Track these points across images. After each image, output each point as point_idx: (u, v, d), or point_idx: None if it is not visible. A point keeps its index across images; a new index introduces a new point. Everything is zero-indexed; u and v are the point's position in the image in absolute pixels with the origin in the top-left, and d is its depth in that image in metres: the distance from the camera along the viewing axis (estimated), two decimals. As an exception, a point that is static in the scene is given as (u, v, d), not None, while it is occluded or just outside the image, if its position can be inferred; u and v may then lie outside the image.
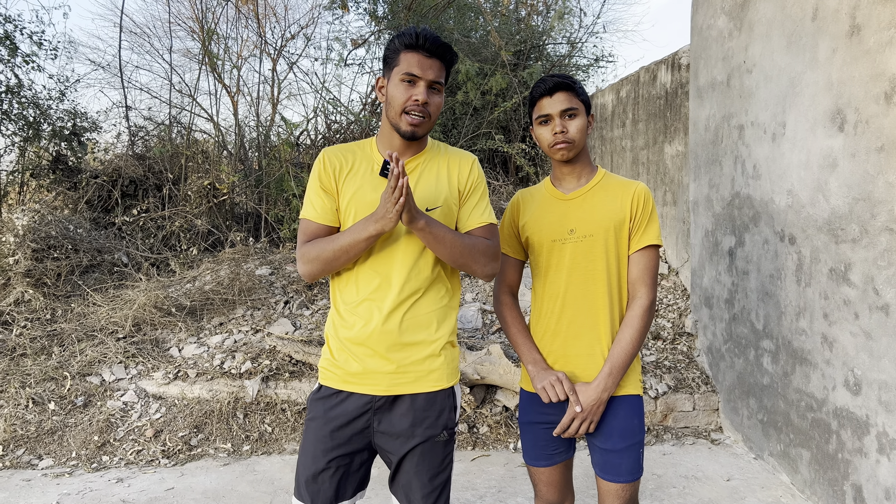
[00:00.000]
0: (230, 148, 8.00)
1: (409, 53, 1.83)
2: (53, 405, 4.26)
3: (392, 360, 1.86)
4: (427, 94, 1.84)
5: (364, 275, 1.88)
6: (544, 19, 10.09)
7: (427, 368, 1.89)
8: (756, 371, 3.83)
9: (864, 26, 2.82)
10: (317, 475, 1.89)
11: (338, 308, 1.94)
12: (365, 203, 1.87)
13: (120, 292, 5.41)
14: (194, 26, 8.65)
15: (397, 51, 1.85)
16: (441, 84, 1.87)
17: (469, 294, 5.52)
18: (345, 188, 1.90)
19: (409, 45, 1.83)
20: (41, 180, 7.28)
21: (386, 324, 1.85)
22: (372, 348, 1.85)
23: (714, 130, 4.26)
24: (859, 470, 2.96)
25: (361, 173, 1.91)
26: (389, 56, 1.89)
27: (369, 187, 1.89)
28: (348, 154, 1.95)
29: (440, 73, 1.86)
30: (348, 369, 1.88)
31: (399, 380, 1.87)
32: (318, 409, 1.92)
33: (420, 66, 1.83)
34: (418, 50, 1.83)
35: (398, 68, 1.84)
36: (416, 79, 1.83)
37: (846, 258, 2.99)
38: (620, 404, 2.03)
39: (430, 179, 1.94)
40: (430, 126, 1.90)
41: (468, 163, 2.00)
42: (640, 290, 2.03)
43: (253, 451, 4.07)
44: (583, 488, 3.51)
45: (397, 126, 1.86)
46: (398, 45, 1.85)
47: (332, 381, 1.91)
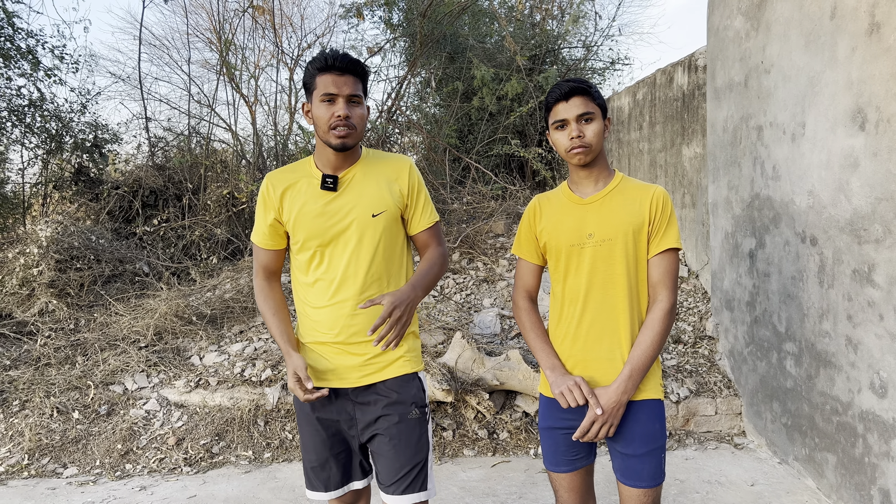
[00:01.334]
0: (248, 157, 8.07)
1: (323, 76, 1.96)
2: (77, 414, 4.31)
3: (359, 353, 2.06)
4: (347, 107, 1.96)
5: (322, 283, 2.06)
6: (559, 23, 10.08)
7: (392, 357, 2.09)
8: (779, 374, 3.78)
9: (883, 24, 2.79)
10: (323, 463, 2.11)
11: (304, 310, 2.12)
12: (309, 214, 2.04)
13: (141, 301, 5.47)
14: (212, 37, 8.76)
15: (313, 75, 1.98)
16: (359, 97, 2.00)
17: (487, 300, 5.51)
18: (290, 205, 2.07)
19: (321, 68, 1.96)
20: (64, 192, 7.40)
21: (351, 324, 2.04)
22: (338, 347, 2.05)
23: (732, 132, 4.22)
24: (887, 474, 2.91)
25: (304, 189, 2.07)
26: (307, 82, 2.01)
27: (311, 201, 2.05)
28: (289, 174, 2.11)
29: (356, 87, 1.98)
30: (318, 367, 2.08)
31: (367, 369, 2.07)
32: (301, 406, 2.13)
33: (335, 84, 1.95)
34: (330, 71, 1.95)
35: (317, 91, 1.97)
36: (334, 96, 1.95)
37: (870, 259, 2.95)
38: (641, 409, 2.02)
39: (372, 186, 2.09)
40: (359, 136, 2.03)
41: (406, 168, 2.15)
42: (660, 293, 2.01)
43: (274, 458, 4.09)
44: (604, 494, 3.49)
45: (328, 142, 1.99)
46: (312, 70, 1.99)
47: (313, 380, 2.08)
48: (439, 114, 8.97)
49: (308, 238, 2.04)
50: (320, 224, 2.03)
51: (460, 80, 8.47)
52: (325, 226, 2.03)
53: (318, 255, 2.06)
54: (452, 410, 4.31)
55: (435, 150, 7.99)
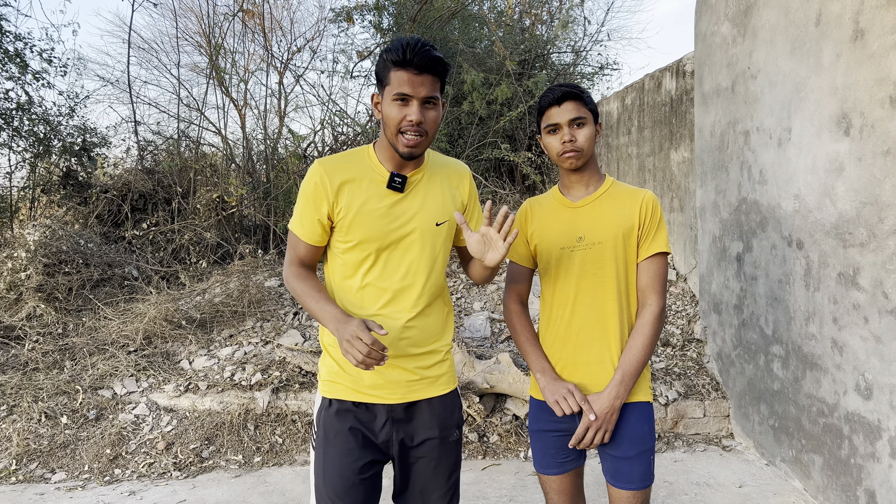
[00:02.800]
0: (238, 161, 8.06)
1: (398, 71, 1.76)
2: (66, 419, 4.28)
3: (409, 369, 1.90)
4: (421, 112, 1.77)
5: (373, 289, 1.88)
6: (548, 28, 10.14)
7: (437, 373, 1.96)
8: (766, 377, 3.82)
9: (867, 31, 2.83)
10: (348, 490, 1.85)
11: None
12: (372, 214, 1.84)
13: (130, 306, 5.45)
14: (201, 41, 8.74)
15: (387, 68, 1.79)
16: (436, 99, 1.81)
17: (477, 303, 5.53)
18: (347, 200, 1.85)
19: (397, 63, 1.76)
20: (52, 196, 7.35)
21: (402, 337, 1.88)
22: (388, 362, 1.87)
23: (720, 136, 4.27)
24: (872, 475, 2.95)
25: (366, 185, 1.87)
26: (381, 73, 1.83)
27: (376, 199, 1.86)
28: (347, 165, 1.89)
29: (433, 88, 1.79)
30: (363, 381, 1.88)
31: (415, 386, 1.91)
32: (337, 424, 1.88)
33: (411, 84, 1.75)
34: (407, 67, 1.75)
35: (389, 87, 1.78)
36: (409, 98, 1.77)
37: (855, 262, 2.99)
38: (631, 411, 2.03)
39: (437, 194, 1.94)
40: (428, 143, 1.85)
41: (466, 176, 2.05)
42: (650, 297, 2.03)
43: (264, 462, 4.08)
44: (594, 496, 3.50)
45: (395, 146, 1.82)
46: (387, 61, 1.78)
47: (346, 394, 1.90)
48: (429, 118, 8.96)
49: (366, 240, 1.84)
50: (383, 226, 1.85)
51: (450, 85, 8.49)
52: (388, 228, 1.85)
53: (373, 258, 1.87)
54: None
55: (425, 154, 7.97)
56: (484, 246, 1.83)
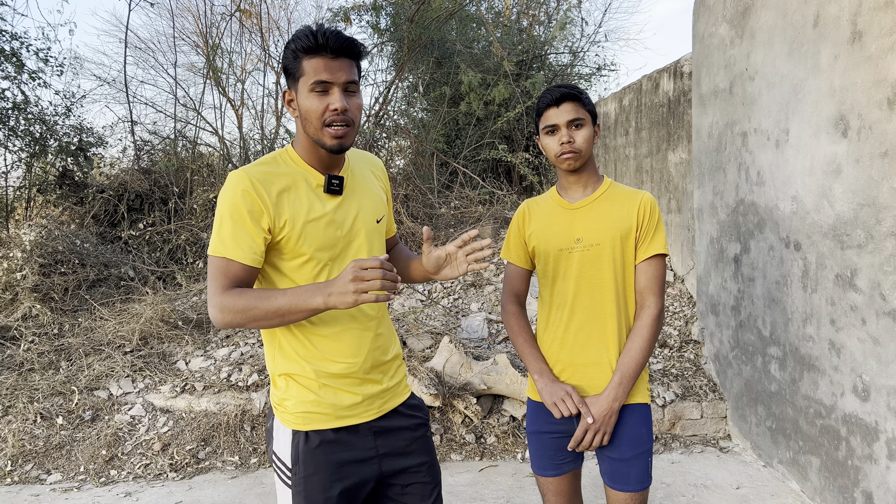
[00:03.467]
0: (235, 161, 8.04)
1: (312, 59, 1.58)
2: (61, 420, 4.27)
3: (381, 381, 1.79)
4: (343, 99, 1.60)
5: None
6: (546, 29, 10.15)
7: (399, 378, 1.88)
8: (764, 378, 3.82)
9: (865, 32, 2.83)
10: None
11: (308, 339, 1.70)
12: (319, 223, 1.67)
13: (127, 306, 5.43)
14: (198, 41, 8.72)
15: (297, 58, 1.60)
16: (356, 83, 1.64)
17: (475, 304, 5.52)
18: (290, 212, 1.64)
19: (309, 50, 1.58)
20: (48, 196, 7.33)
21: (374, 347, 1.77)
22: (362, 377, 1.74)
23: (717, 138, 4.27)
24: (869, 476, 2.95)
25: (304, 193, 1.67)
26: (290, 66, 1.62)
27: (318, 206, 1.68)
28: (275, 172, 1.67)
29: (352, 72, 1.61)
30: (340, 404, 1.71)
31: (386, 396, 1.81)
32: (320, 459, 1.70)
33: (328, 70, 1.58)
34: (321, 53, 1.58)
35: (304, 78, 1.59)
36: (329, 84, 1.59)
37: (852, 264, 2.99)
38: (628, 413, 2.03)
39: (368, 190, 1.83)
40: (356, 133, 1.68)
41: (382, 166, 1.97)
42: (648, 299, 2.03)
43: (260, 463, 4.07)
44: (591, 498, 3.50)
45: (321, 142, 1.63)
46: (296, 51, 1.59)
47: (325, 422, 1.71)
48: (427, 118, 8.99)
49: (320, 249, 1.66)
50: (332, 233, 1.69)
51: (448, 85, 8.49)
52: (337, 235, 1.70)
53: (327, 271, 1.69)
54: (440, 415, 4.31)
55: (422, 154, 8.00)
56: (443, 262, 1.80)
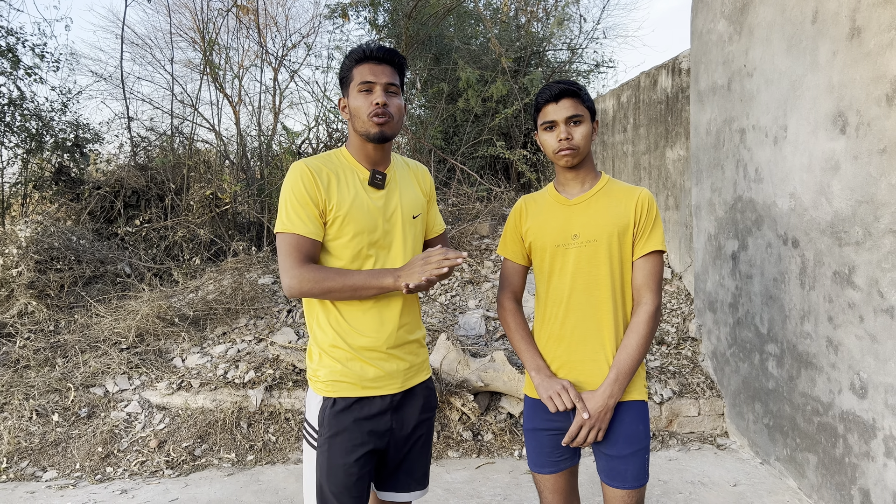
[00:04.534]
0: (232, 157, 8.02)
1: (360, 66, 1.94)
2: (57, 417, 4.25)
3: (405, 359, 2.01)
4: (385, 96, 1.92)
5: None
6: (544, 26, 10.12)
7: (422, 359, 2.10)
8: (761, 375, 3.82)
9: (864, 28, 2.82)
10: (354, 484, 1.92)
11: (341, 315, 1.95)
12: (364, 211, 1.93)
13: (123, 303, 5.41)
14: (195, 37, 8.69)
15: (349, 68, 1.96)
16: (396, 86, 1.96)
17: (472, 301, 5.51)
18: (338, 196, 1.92)
19: (358, 59, 1.94)
20: (44, 192, 7.30)
21: (401, 325, 1.98)
22: (387, 352, 1.96)
23: (715, 134, 4.26)
24: (867, 474, 2.94)
25: (352, 184, 1.96)
26: (344, 76, 1.99)
27: (363, 195, 1.96)
28: (328, 164, 1.98)
29: (393, 77, 1.95)
30: (365, 375, 1.94)
31: (408, 373, 2.02)
32: (343, 422, 1.93)
33: (372, 72, 1.92)
34: (367, 61, 1.94)
35: (353, 82, 1.95)
36: (372, 85, 1.92)
37: (850, 261, 2.98)
38: (625, 410, 2.02)
39: (409, 189, 2.07)
40: (397, 127, 1.97)
41: (426, 171, 2.21)
42: (645, 295, 2.02)
43: (257, 460, 4.06)
44: (588, 495, 3.50)
45: (367, 133, 1.93)
46: (349, 63, 1.97)
47: (350, 391, 1.95)
48: (424, 115, 8.97)
49: (360, 232, 1.92)
50: (373, 220, 1.95)
51: (445, 82, 8.47)
52: (378, 222, 1.95)
53: (366, 251, 1.94)
54: (437, 412, 4.30)
55: (420, 151, 7.98)
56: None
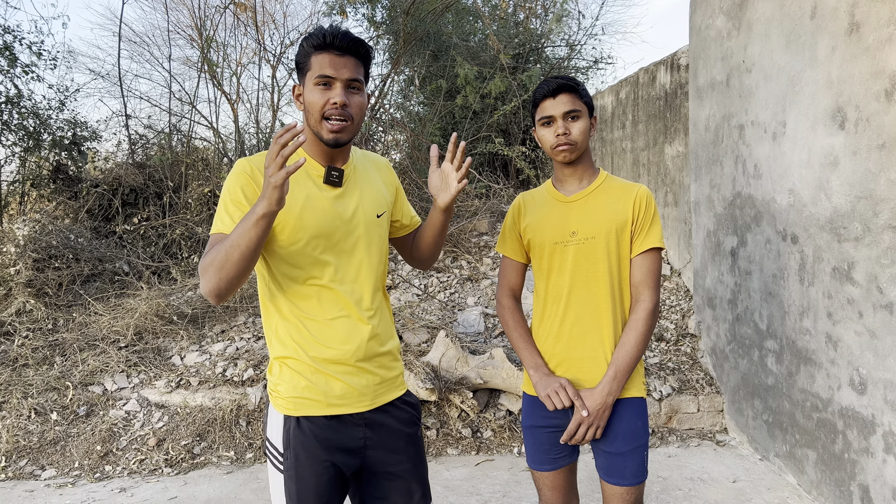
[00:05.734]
0: (230, 155, 8.00)
1: (319, 55, 1.68)
2: (56, 415, 4.25)
3: (376, 373, 1.81)
4: (345, 94, 1.68)
5: (331, 292, 1.76)
6: (543, 22, 10.10)
7: (395, 373, 1.89)
8: (760, 371, 3.81)
9: (863, 24, 2.81)
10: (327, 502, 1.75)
11: (303, 325, 1.74)
12: (319, 213, 1.72)
13: (121, 301, 5.40)
14: (193, 34, 8.67)
15: (307, 54, 1.70)
16: (360, 82, 1.71)
17: (471, 298, 5.51)
18: (288, 198, 1.70)
19: (318, 46, 1.68)
20: (42, 190, 7.29)
21: (371, 336, 1.78)
22: (355, 366, 1.76)
23: (714, 130, 4.25)
24: (866, 470, 2.94)
25: (302, 180, 1.74)
26: (301, 61, 1.73)
27: (316, 194, 1.74)
28: None
29: (356, 71, 1.70)
30: (331, 391, 1.74)
31: (380, 390, 1.83)
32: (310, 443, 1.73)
33: (333, 66, 1.67)
34: (328, 49, 1.67)
35: (311, 72, 1.69)
36: (331, 80, 1.67)
37: (849, 257, 2.98)
38: (624, 407, 2.02)
39: (371, 185, 1.87)
40: (355, 130, 1.74)
41: (389, 166, 2.02)
42: (643, 293, 2.01)
43: (256, 458, 4.05)
44: (587, 492, 3.49)
45: (319, 135, 1.71)
46: (307, 47, 1.70)
47: (316, 409, 1.74)
48: (423, 112, 8.96)
49: (316, 235, 1.71)
50: (330, 221, 1.73)
51: (444, 79, 8.46)
52: (335, 224, 1.74)
53: (324, 258, 1.73)
54: (436, 409, 4.30)
55: (419, 148, 7.97)
56: (441, 183, 1.84)
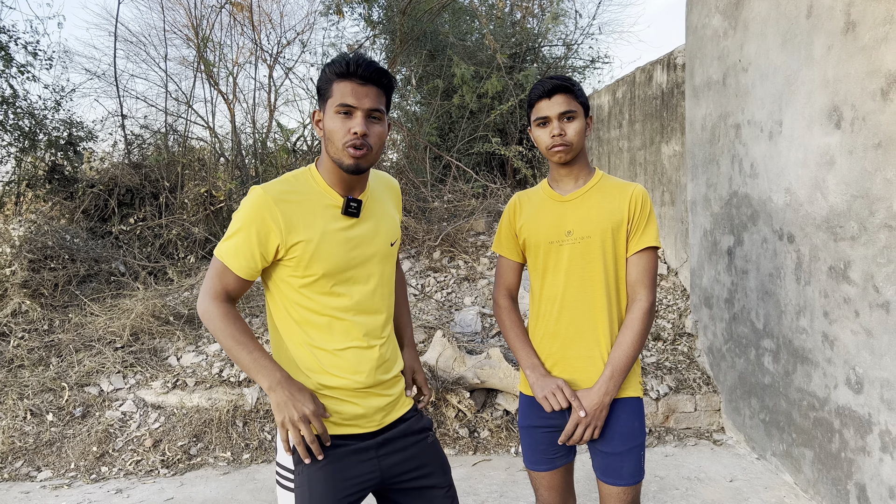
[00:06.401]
0: (227, 155, 7.99)
1: (341, 83, 1.69)
2: (51, 416, 4.23)
3: (383, 394, 1.85)
4: (366, 124, 1.69)
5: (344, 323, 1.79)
6: (539, 21, 10.10)
7: (399, 391, 1.92)
8: (757, 371, 3.82)
9: (859, 23, 2.81)
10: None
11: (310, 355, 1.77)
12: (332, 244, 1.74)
13: (117, 302, 5.39)
14: (190, 34, 8.64)
15: (329, 81, 1.72)
16: (381, 112, 1.73)
17: (468, 298, 5.50)
18: (305, 233, 1.72)
19: (340, 74, 1.69)
20: (37, 190, 7.26)
21: (379, 365, 1.82)
22: (367, 392, 1.81)
23: (711, 130, 4.25)
24: (863, 469, 2.94)
25: (319, 212, 1.75)
26: (322, 87, 1.74)
27: (333, 227, 1.75)
28: (294, 192, 1.75)
29: (378, 101, 1.72)
30: (344, 412, 1.78)
31: (388, 408, 1.86)
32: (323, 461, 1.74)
33: (354, 94, 1.68)
34: (351, 78, 1.69)
35: (332, 100, 1.70)
36: (352, 109, 1.69)
37: (845, 256, 2.98)
38: (621, 407, 2.02)
39: (385, 214, 1.89)
40: (375, 158, 1.76)
41: (398, 190, 2.04)
42: (639, 292, 2.01)
43: (253, 459, 4.05)
44: (584, 492, 3.49)
45: (340, 162, 1.72)
46: (329, 74, 1.71)
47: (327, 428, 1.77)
48: (420, 111, 8.95)
49: (329, 272, 1.73)
50: (344, 254, 1.75)
51: (441, 78, 8.45)
52: (349, 256, 1.76)
53: (338, 290, 1.76)
54: (433, 409, 4.29)
55: (415, 147, 7.96)
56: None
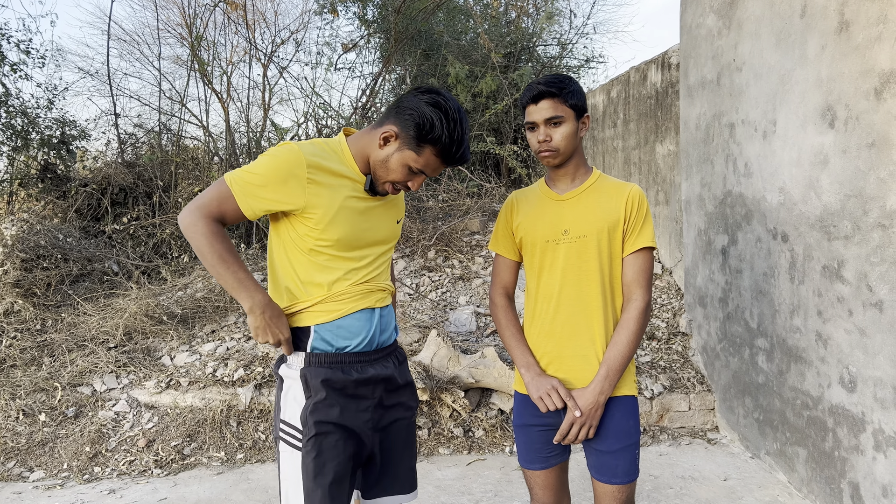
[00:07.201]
0: (221, 154, 7.96)
1: (435, 156, 1.78)
2: (44, 416, 4.21)
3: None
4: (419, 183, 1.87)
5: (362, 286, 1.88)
6: (534, 21, 10.10)
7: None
8: (751, 370, 3.82)
9: (852, 22, 2.82)
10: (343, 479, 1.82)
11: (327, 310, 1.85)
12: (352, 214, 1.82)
13: (110, 301, 5.36)
14: (184, 33, 8.61)
15: (424, 141, 1.76)
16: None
17: (463, 297, 5.50)
18: (328, 198, 1.78)
19: (444, 149, 1.76)
20: (30, 189, 7.22)
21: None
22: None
23: (705, 129, 4.25)
24: (856, 467, 2.95)
25: (346, 184, 1.82)
26: (422, 131, 1.75)
27: (354, 199, 1.83)
28: (326, 158, 1.81)
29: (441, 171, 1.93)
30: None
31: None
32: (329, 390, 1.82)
33: (434, 169, 1.82)
34: (447, 160, 1.80)
35: (415, 157, 1.77)
36: (423, 175, 1.83)
37: (839, 255, 2.99)
38: (615, 406, 2.02)
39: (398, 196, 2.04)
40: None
41: None
42: (635, 292, 2.01)
43: (247, 459, 4.03)
44: (579, 490, 3.49)
45: (375, 183, 1.84)
46: (434, 134, 1.75)
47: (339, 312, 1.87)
48: (414, 111, 8.90)
49: (343, 239, 1.81)
50: (360, 224, 1.84)
51: (435, 77, 8.44)
52: (364, 227, 1.85)
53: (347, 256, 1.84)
54: (428, 409, 4.29)
55: (410, 147, 7.94)
56: None
